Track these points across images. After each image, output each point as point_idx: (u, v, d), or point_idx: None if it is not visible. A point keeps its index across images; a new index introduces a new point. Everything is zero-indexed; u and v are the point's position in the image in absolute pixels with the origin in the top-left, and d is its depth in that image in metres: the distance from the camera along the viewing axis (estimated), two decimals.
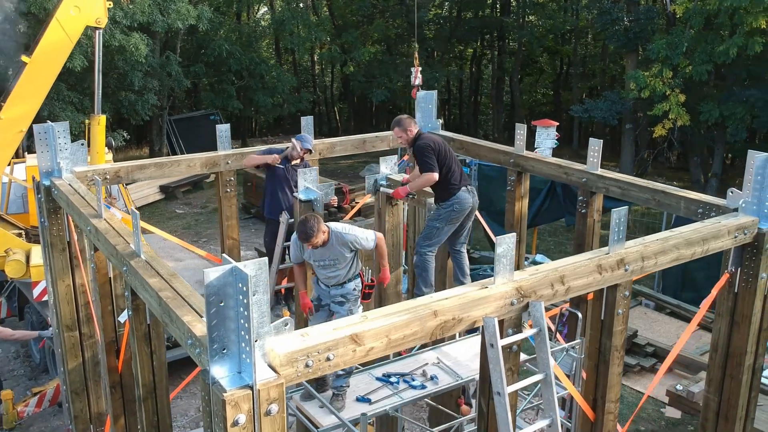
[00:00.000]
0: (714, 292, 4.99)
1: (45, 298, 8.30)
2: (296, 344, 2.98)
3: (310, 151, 6.46)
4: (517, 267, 7.20)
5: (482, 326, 3.54)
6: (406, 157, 8.06)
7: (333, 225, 4.89)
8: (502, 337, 3.54)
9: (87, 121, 8.94)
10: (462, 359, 5.27)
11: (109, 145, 9.47)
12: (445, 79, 26.72)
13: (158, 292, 3.52)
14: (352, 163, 21.74)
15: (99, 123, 8.52)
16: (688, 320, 11.20)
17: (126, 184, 10.55)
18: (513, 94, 28.81)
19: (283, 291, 6.65)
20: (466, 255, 5.83)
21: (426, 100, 7.99)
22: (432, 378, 4.92)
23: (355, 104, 31.91)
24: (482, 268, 12.82)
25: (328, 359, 3.06)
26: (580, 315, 6.21)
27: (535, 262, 13.02)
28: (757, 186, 4.91)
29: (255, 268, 2.79)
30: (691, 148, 16.11)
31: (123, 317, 4.58)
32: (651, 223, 14.05)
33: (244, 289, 2.72)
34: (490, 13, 28.18)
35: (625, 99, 15.17)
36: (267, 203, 6.51)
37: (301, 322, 5.57)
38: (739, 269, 5.02)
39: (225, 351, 2.85)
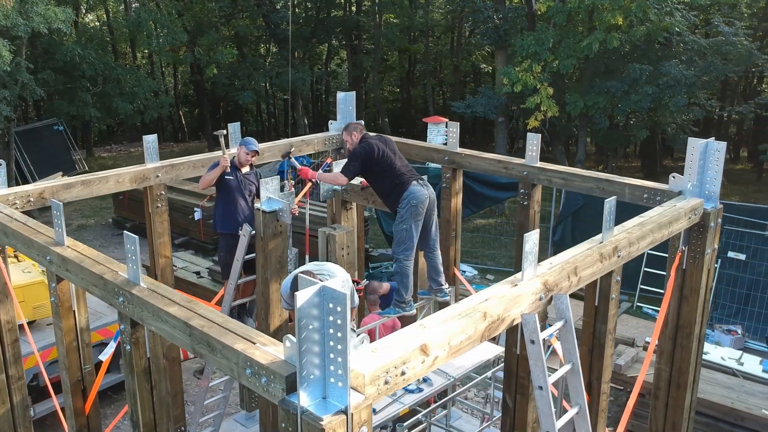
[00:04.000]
0: (672, 272, 5.37)
1: None
2: (377, 362, 2.85)
3: (257, 152, 6.19)
4: (454, 262, 7.42)
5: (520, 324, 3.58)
6: (329, 160, 7.97)
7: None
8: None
9: None
10: None
11: None
12: (312, 79, 26.57)
13: (186, 321, 3.23)
14: None
15: None
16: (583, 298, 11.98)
17: None
18: (374, 92, 29.21)
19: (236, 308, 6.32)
20: (439, 254, 5.86)
21: (346, 102, 7.96)
22: (425, 380, 4.90)
23: (209, 108, 30.83)
24: (383, 265, 12.93)
25: (403, 373, 2.96)
26: None
27: None
28: (699, 170, 5.35)
29: (340, 286, 2.64)
30: (557, 138, 17.26)
31: (105, 354, 4.14)
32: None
33: (338, 309, 2.57)
34: (344, 13, 28.36)
35: (499, 94, 15.92)
36: (220, 216, 6.14)
37: None
38: (687, 247, 5.46)
39: (312, 377, 2.67)
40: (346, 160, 6.18)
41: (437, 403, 4.65)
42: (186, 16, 24.15)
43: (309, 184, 6.57)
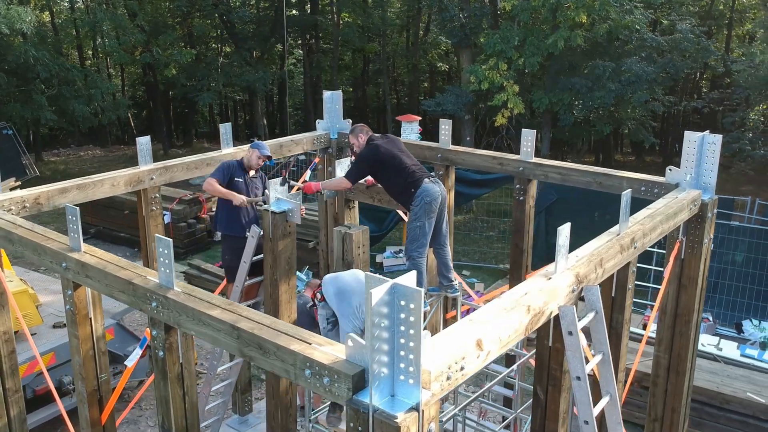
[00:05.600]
0: (671, 262, 5.52)
1: None
2: (440, 358, 2.85)
3: (269, 157, 6.12)
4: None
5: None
6: (317, 160, 7.95)
7: None
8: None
9: None
10: None
11: None
12: (272, 80, 26.30)
13: (233, 324, 3.17)
14: None
15: None
16: None
17: None
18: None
19: None
20: (449, 250, 5.88)
21: (332, 101, 7.94)
22: None
23: (163, 110, 30.18)
24: None
25: (462, 368, 2.97)
26: None
27: None
28: (697, 163, 5.52)
29: (410, 282, 2.64)
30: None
31: (131, 361, 4.04)
32: (496, 205, 15.14)
33: (412, 306, 2.56)
34: (299, 12, 28.12)
35: (466, 91, 16.07)
36: (224, 218, 6.02)
37: None
38: (685, 237, 5.62)
39: (382, 375, 2.67)
40: (346, 159, 6.18)
41: (469, 400, 4.68)
42: (140, 17, 23.67)
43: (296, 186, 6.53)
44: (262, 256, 5.41)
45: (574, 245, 3.88)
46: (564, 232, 3.73)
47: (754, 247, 11.26)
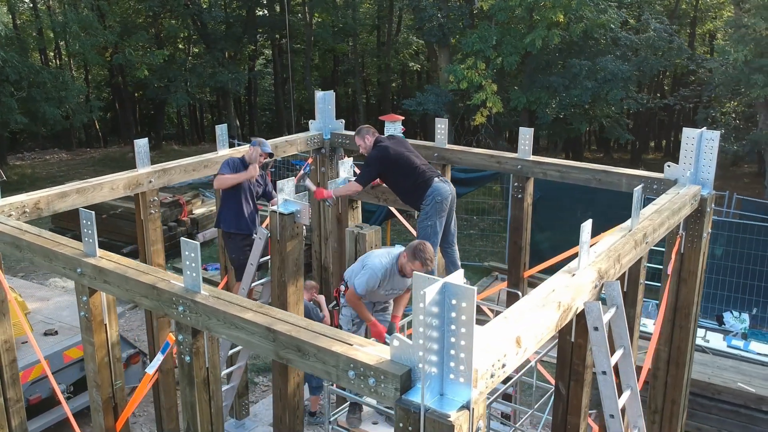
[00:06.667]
0: (673, 255, 5.63)
1: None
2: (486, 356, 2.87)
3: (271, 155, 6.08)
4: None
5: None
6: (310, 160, 7.92)
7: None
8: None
9: None
10: None
11: None
12: (246, 80, 26.06)
13: (269, 327, 3.15)
14: None
15: None
16: None
17: None
18: (308, 91, 28.90)
19: None
20: (457, 249, 5.91)
21: (325, 101, 7.92)
22: None
23: (131, 111, 29.70)
24: None
25: (503, 366, 2.99)
26: (520, 294, 6.66)
27: None
28: (695, 159, 5.63)
29: (461, 281, 2.65)
30: (500, 133, 17.67)
31: (152, 367, 3.97)
32: (475, 203, 15.24)
33: (464, 305, 2.58)
34: (269, 12, 27.92)
35: (445, 90, 16.15)
36: (229, 216, 5.95)
37: None
38: (685, 232, 5.72)
39: (433, 374, 2.67)
40: (349, 159, 6.17)
41: (491, 400, 4.72)
42: (108, 17, 23.24)
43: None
44: (268, 257, 5.37)
45: (563, 243, 3.90)
46: (586, 229, 3.77)
47: (733, 240, 11.52)
